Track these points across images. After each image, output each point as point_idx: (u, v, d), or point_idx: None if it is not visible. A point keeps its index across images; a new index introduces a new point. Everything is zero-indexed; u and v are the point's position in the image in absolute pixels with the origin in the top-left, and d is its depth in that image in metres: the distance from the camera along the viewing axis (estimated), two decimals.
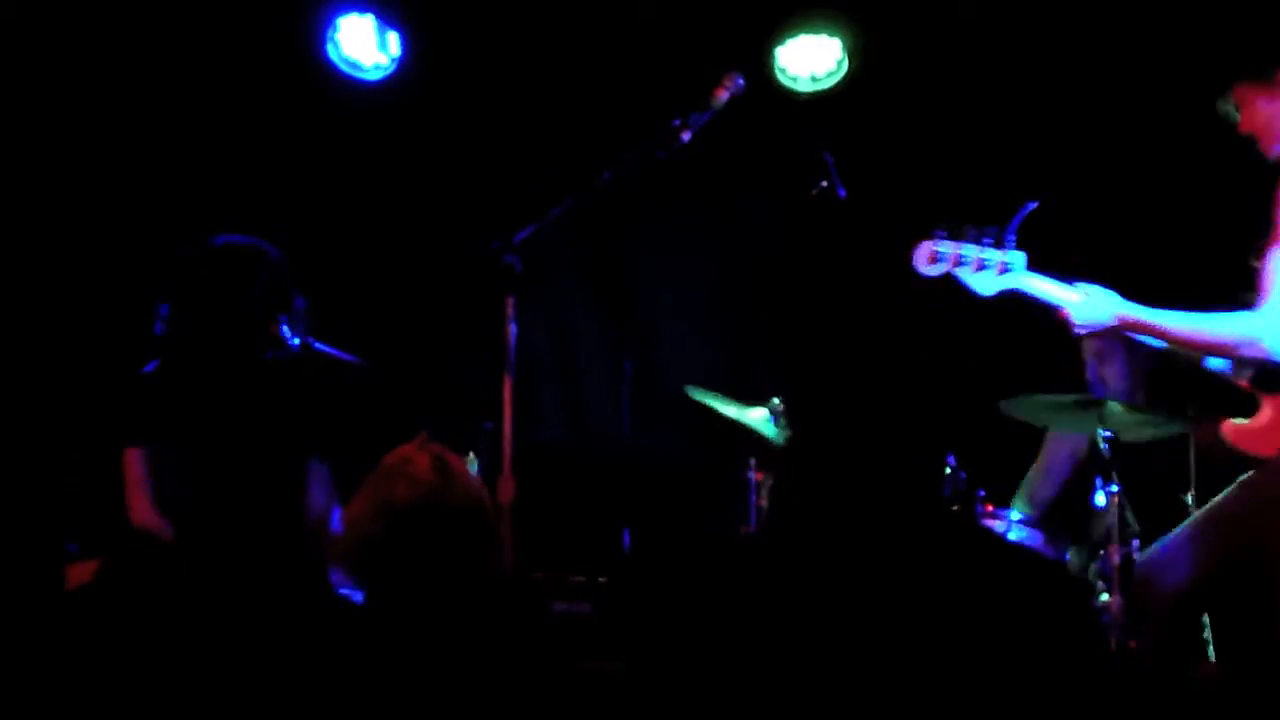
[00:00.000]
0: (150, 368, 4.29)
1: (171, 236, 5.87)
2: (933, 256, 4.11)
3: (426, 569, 2.49)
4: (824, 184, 4.97)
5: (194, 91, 6.14)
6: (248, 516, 4.20)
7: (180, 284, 4.30)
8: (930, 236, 4.12)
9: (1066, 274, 4.14)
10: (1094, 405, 4.65)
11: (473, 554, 2.53)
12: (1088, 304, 4.01)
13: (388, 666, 2.46)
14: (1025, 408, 4.84)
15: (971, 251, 4.10)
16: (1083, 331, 4.04)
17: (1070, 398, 4.68)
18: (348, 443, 4.31)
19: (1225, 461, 4.06)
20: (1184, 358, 4.15)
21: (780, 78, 6.27)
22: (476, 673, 2.49)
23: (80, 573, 4.52)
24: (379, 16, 6.21)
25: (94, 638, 3.52)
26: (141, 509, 4.20)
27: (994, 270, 4.10)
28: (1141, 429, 4.94)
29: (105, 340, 5.66)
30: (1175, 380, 4.68)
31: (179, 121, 6.15)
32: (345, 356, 4.57)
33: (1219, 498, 4.05)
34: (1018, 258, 4.10)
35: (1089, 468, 4.99)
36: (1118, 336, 4.26)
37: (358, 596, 2.80)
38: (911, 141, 6.18)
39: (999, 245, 4.11)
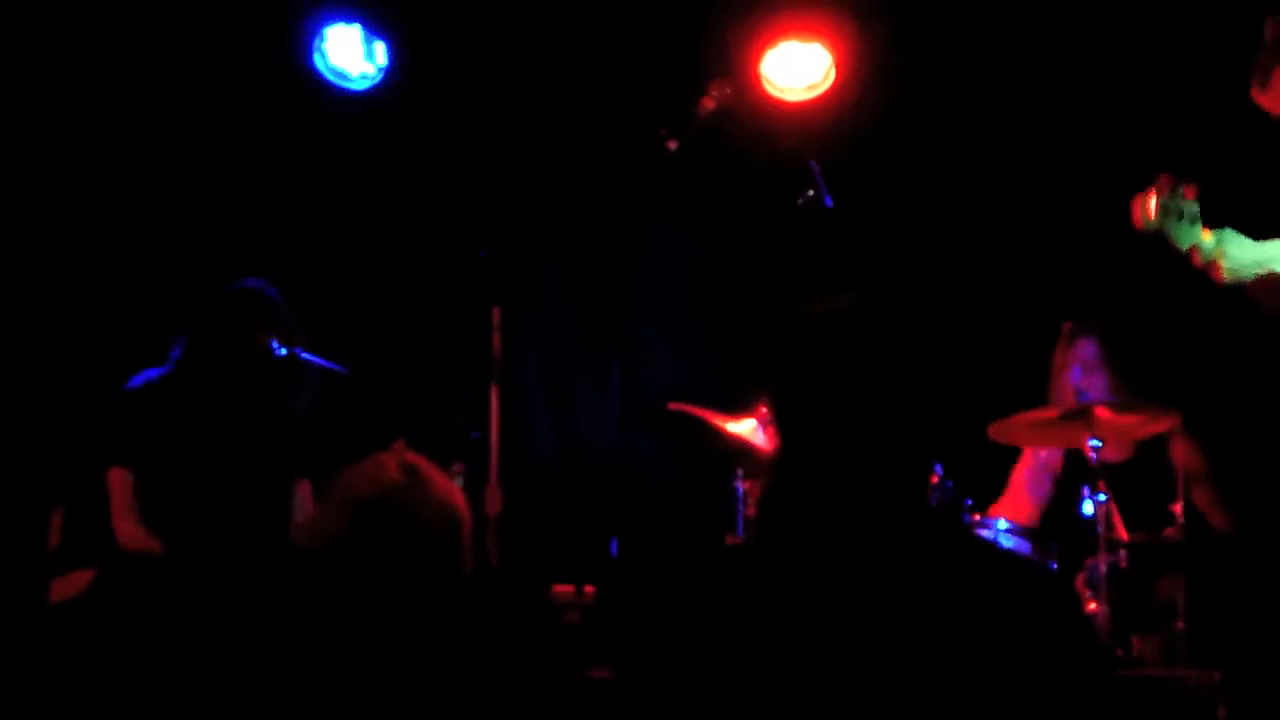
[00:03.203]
0: (132, 386, 4.29)
1: (157, 249, 5.88)
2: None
3: (390, 568, 2.48)
4: (810, 193, 4.97)
5: (179, 102, 6.12)
6: (232, 532, 4.19)
7: (192, 322, 4.32)
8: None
9: None
10: (1081, 415, 4.69)
11: (438, 558, 2.52)
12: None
13: (373, 675, 2.45)
14: (1012, 430, 4.94)
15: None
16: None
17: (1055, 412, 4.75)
18: (332, 453, 4.30)
19: None
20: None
21: (767, 86, 6.26)
22: (459, 678, 2.49)
23: (70, 584, 4.50)
24: (366, 26, 6.20)
25: (87, 648, 3.52)
26: (127, 529, 4.18)
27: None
28: (1124, 442, 5.04)
29: (90, 359, 5.64)
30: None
31: (164, 133, 6.12)
32: (332, 366, 4.57)
33: None
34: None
35: (1075, 478, 5.01)
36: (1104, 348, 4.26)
37: None
38: (899, 150, 6.18)
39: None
